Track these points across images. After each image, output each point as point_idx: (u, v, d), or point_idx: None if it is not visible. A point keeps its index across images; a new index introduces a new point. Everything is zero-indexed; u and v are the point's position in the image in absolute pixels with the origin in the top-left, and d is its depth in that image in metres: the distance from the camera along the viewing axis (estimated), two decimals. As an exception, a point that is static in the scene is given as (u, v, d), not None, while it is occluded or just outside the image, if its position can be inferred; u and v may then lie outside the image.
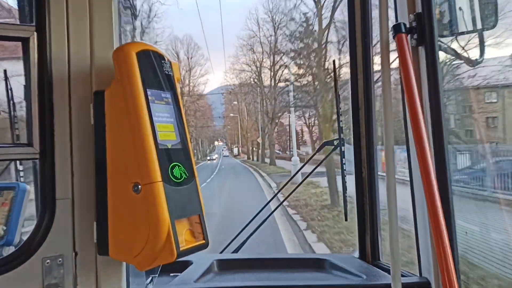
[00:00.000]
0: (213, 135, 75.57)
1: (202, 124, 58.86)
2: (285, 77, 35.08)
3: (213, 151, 74.38)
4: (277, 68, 37.58)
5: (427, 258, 1.70)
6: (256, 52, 40.62)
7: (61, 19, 1.26)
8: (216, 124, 71.33)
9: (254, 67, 41.55)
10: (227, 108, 61.89)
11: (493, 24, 1.74)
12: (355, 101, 2.09)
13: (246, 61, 42.22)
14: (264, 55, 39.67)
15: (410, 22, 1.61)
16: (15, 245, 1.58)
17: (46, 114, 1.24)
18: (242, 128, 56.84)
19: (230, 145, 74.73)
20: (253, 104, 46.65)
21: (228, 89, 54.11)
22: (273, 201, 2.60)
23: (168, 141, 1.21)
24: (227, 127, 71.87)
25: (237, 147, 69.49)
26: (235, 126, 63.98)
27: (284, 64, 33.99)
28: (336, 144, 2.25)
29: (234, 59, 45.48)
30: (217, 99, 65.00)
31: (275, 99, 38.00)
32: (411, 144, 1.73)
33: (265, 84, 40.99)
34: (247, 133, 54.73)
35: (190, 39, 50.09)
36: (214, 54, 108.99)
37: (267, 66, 40.36)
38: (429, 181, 1.33)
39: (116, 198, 1.21)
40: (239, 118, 57.88)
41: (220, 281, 1.91)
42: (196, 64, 49.39)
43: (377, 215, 2.06)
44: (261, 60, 40.44)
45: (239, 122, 59.00)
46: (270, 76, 39.90)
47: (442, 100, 1.58)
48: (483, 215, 5.83)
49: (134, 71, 1.17)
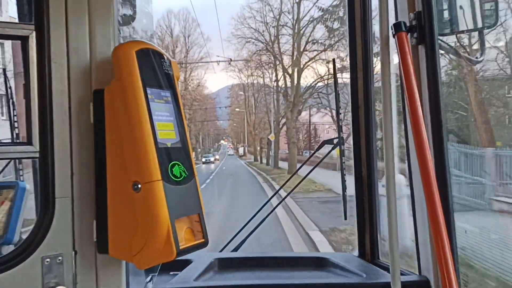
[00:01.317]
0: (217, 132, 70.38)
1: (203, 118, 51.60)
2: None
3: (217, 150, 70.16)
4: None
5: (426, 256, 1.70)
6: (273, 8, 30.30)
7: (61, 18, 1.26)
8: (221, 123, 66.03)
9: (267, 33, 30.70)
10: (233, 103, 55.61)
11: (493, 23, 1.74)
12: (355, 100, 2.09)
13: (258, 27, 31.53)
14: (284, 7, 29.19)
15: (410, 20, 1.61)
16: (15, 243, 1.58)
17: (45, 112, 1.24)
18: (249, 123, 49.28)
19: (236, 144, 69.58)
20: (263, 91, 37.83)
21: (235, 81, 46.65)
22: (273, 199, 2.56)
23: (168, 140, 1.21)
24: (233, 124, 65.13)
25: (243, 147, 63.53)
26: (241, 123, 57.28)
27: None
28: (336, 143, 2.25)
29: (238, 22, 33.72)
30: (222, 93, 59.20)
31: (299, 72, 27.57)
32: (411, 144, 1.73)
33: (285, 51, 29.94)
34: (254, 129, 47.12)
35: (187, 13, 43.35)
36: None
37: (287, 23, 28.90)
38: (429, 180, 1.33)
39: (115, 197, 1.21)
40: (245, 113, 49.73)
41: (219, 279, 1.91)
42: (194, 44, 42.58)
43: (376, 214, 2.06)
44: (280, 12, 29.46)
45: (245, 117, 51.00)
46: (293, 37, 28.63)
47: (441, 99, 1.58)
48: None
49: (133, 69, 1.17)
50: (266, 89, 37.38)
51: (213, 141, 72.19)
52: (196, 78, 45.11)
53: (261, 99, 41.71)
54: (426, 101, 1.60)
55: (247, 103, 47.71)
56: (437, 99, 1.58)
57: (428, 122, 1.58)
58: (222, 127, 71.81)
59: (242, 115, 53.50)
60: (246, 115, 49.65)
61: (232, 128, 68.53)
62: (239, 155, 65.30)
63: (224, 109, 57.34)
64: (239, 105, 51.95)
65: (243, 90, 46.16)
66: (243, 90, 46.17)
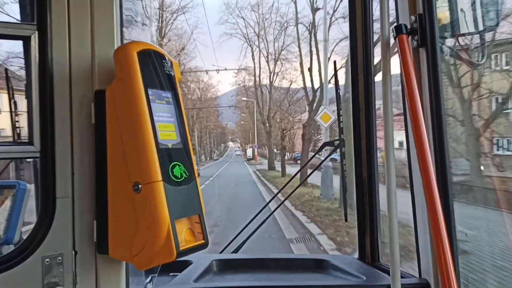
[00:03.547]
0: (222, 130, 63.84)
1: (204, 113, 43.76)
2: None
3: (221, 154, 66.11)
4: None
5: (427, 259, 1.70)
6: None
7: (62, 18, 1.26)
8: (229, 124, 60.91)
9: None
10: (239, 91, 45.98)
11: (495, 25, 1.74)
12: (356, 102, 2.09)
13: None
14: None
15: (411, 23, 1.61)
16: (15, 243, 1.58)
17: (47, 112, 1.24)
18: (261, 113, 34.64)
19: (244, 145, 62.27)
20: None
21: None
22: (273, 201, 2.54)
23: (169, 141, 1.21)
24: (240, 122, 56.12)
25: (251, 147, 50.50)
26: (250, 119, 46.89)
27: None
28: (337, 145, 2.25)
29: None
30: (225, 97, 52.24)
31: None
32: (411, 144, 1.73)
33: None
34: (268, 122, 32.12)
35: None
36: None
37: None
38: (429, 182, 1.33)
39: (116, 197, 1.22)
40: (255, 99, 36.25)
41: (219, 281, 1.91)
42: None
43: (377, 216, 2.06)
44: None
45: (255, 108, 37.93)
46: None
47: (442, 101, 1.58)
48: None
49: (135, 70, 1.18)
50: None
51: (217, 142, 66.09)
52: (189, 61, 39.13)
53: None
54: (427, 103, 1.60)
55: (257, 86, 35.33)
56: (438, 102, 1.58)
57: (429, 125, 1.58)
58: (230, 127, 67.15)
59: (251, 107, 43.49)
60: (257, 107, 36.50)
61: (239, 125, 59.61)
62: (247, 158, 53.71)
63: (230, 115, 50.90)
64: (248, 95, 41.64)
65: (253, 74, 35.90)
66: (253, 73, 35.72)
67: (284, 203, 2.67)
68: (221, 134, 66.33)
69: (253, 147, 47.11)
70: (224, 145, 72.25)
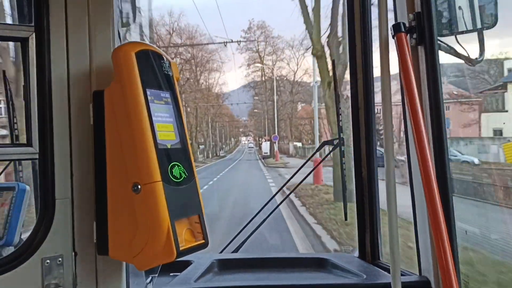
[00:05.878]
0: (236, 125, 55.25)
1: (205, 100, 34.27)
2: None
3: (235, 148, 58.31)
4: None
5: (427, 257, 1.70)
6: None
7: (60, 19, 1.26)
8: (243, 119, 52.42)
9: None
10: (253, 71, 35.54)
11: (493, 23, 1.74)
12: (355, 101, 2.09)
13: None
14: None
15: (409, 21, 1.61)
16: (15, 245, 1.58)
17: (45, 114, 1.24)
18: (281, 97, 26.51)
19: (258, 139, 50.33)
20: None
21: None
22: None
23: (168, 141, 1.21)
24: (254, 110, 44.72)
25: (268, 141, 35.28)
26: (265, 107, 35.16)
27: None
28: (336, 144, 2.25)
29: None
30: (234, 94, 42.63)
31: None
32: (411, 144, 1.73)
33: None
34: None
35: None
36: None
37: None
38: (429, 180, 1.33)
39: (115, 198, 1.21)
40: (274, 87, 27.98)
41: (220, 281, 1.91)
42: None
43: (376, 215, 2.06)
44: None
45: (274, 90, 29.30)
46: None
47: (441, 98, 1.58)
48: None
49: (133, 71, 1.17)
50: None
51: (225, 136, 56.19)
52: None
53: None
54: (426, 101, 1.60)
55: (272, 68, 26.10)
56: (437, 100, 1.58)
57: (429, 123, 1.58)
58: (242, 120, 57.79)
59: (264, 98, 34.25)
60: (275, 91, 27.56)
61: (252, 114, 47.81)
62: (262, 154, 35.47)
63: (242, 110, 43.67)
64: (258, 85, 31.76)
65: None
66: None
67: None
68: (230, 123, 54.25)
69: (272, 139, 31.35)
70: (235, 139, 68.51)
